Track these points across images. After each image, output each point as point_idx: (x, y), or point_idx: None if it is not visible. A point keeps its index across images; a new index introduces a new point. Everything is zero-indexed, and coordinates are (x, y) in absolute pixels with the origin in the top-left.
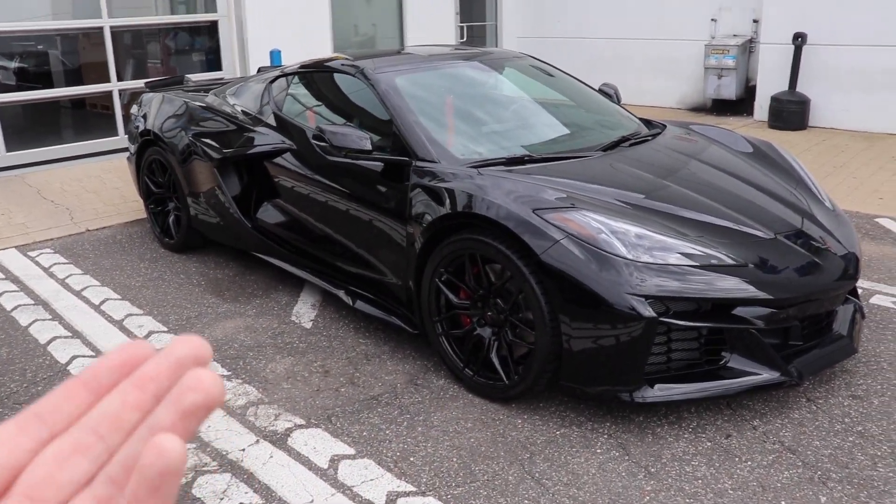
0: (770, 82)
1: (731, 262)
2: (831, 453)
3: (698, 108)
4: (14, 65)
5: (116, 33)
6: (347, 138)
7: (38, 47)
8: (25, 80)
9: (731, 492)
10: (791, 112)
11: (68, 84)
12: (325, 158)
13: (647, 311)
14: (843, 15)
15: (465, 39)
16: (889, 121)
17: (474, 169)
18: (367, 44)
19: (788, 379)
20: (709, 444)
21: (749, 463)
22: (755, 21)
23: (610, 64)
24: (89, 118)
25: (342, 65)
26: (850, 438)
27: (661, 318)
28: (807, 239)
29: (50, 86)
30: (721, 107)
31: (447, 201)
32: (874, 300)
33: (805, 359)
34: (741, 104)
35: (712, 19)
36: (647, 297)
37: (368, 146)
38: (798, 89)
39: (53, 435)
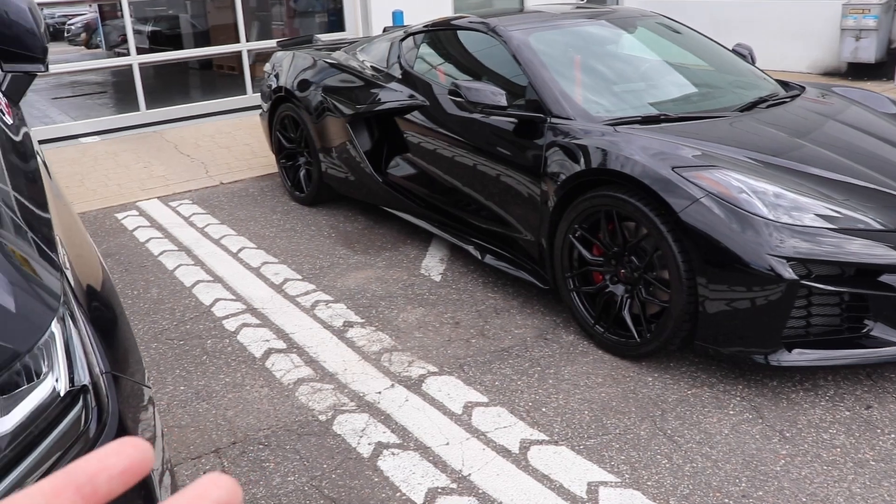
0: None
1: (878, 226)
2: None
3: (832, 73)
4: (148, 28)
5: None
6: (483, 94)
7: (170, 11)
8: (158, 42)
9: (872, 463)
10: None
11: (197, 46)
12: (457, 114)
13: (789, 274)
14: None
15: (585, 1)
16: None
17: (609, 126)
18: (485, 5)
19: None
20: (847, 413)
21: (893, 436)
22: None
23: (736, 26)
24: (216, 78)
25: (471, 23)
26: None
27: (803, 281)
28: None
29: (181, 48)
30: (857, 71)
31: (582, 158)
32: None
33: None
34: (880, 68)
35: None
36: (787, 258)
37: (503, 102)
38: None
39: None
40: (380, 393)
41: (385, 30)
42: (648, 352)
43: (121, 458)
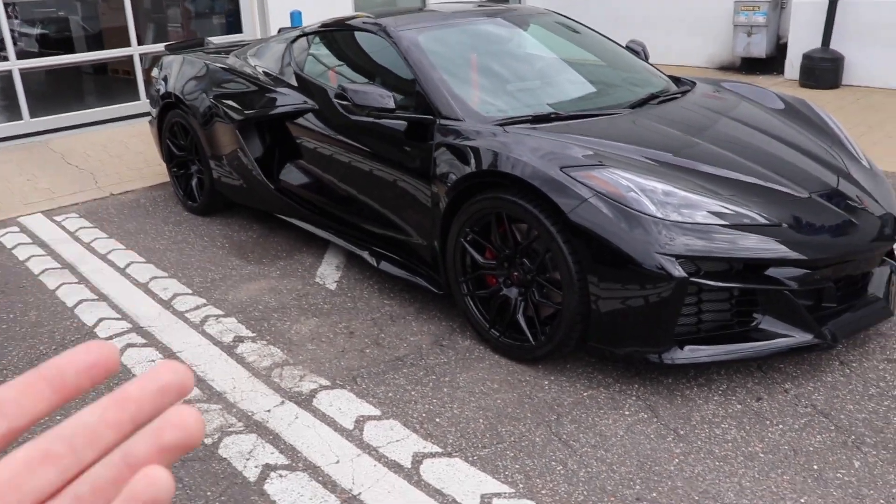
0: (802, 39)
1: (763, 221)
2: (865, 417)
3: (727, 67)
4: (36, 31)
5: None
6: (370, 96)
7: (59, 13)
8: (48, 46)
9: (762, 455)
10: (824, 70)
11: (90, 49)
12: (347, 118)
13: (678, 271)
14: None
15: None
16: None
17: (499, 126)
18: (389, 4)
19: (821, 341)
20: (739, 406)
21: (780, 426)
22: None
23: (636, 22)
24: (111, 83)
25: (364, 23)
26: (885, 403)
27: (692, 279)
28: (842, 198)
29: (72, 51)
30: (751, 65)
31: (472, 160)
32: None
33: (839, 321)
34: (772, 62)
35: None
36: (676, 256)
37: (391, 104)
38: (832, 46)
39: (13, 430)
40: (269, 411)
41: (280, 30)
42: (544, 354)
43: (88, 356)
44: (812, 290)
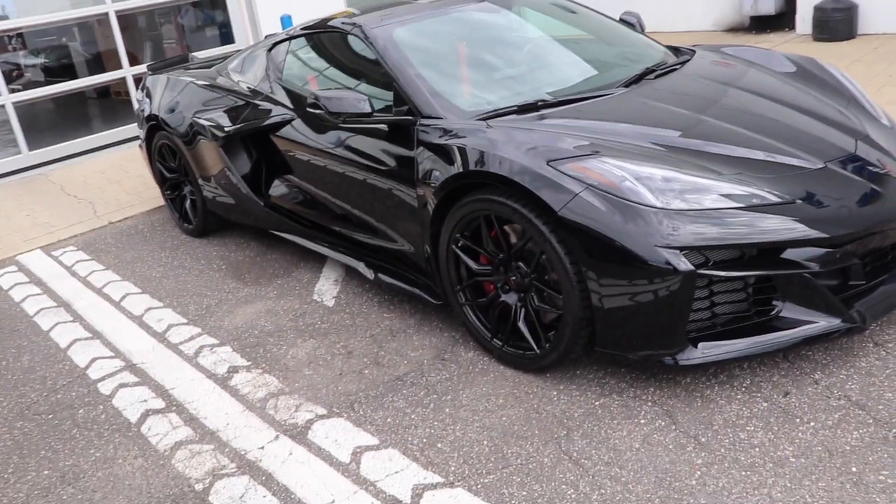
0: None
1: (775, 199)
2: None
3: (736, 28)
4: (40, 60)
5: (123, 17)
6: (344, 102)
7: (62, 40)
8: (52, 74)
9: (792, 460)
10: (837, 21)
11: (91, 73)
12: (327, 126)
13: (683, 264)
14: None
15: None
16: None
17: (483, 121)
18: None
19: (850, 325)
20: (765, 404)
21: (812, 424)
22: None
23: None
24: (114, 106)
25: (342, 23)
26: None
27: (700, 271)
28: (862, 164)
29: (75, 77)
30: (760, 24)
31: (456, 160)
32: None
33: (869, 300)
34: (782, 18)
35: None
36: (681, 248)
37: (367, 108)
38: None
39: None
40: (262, 448)
41: (266, 38)
42: (550, 363)
43: None
44: (837, 269)
